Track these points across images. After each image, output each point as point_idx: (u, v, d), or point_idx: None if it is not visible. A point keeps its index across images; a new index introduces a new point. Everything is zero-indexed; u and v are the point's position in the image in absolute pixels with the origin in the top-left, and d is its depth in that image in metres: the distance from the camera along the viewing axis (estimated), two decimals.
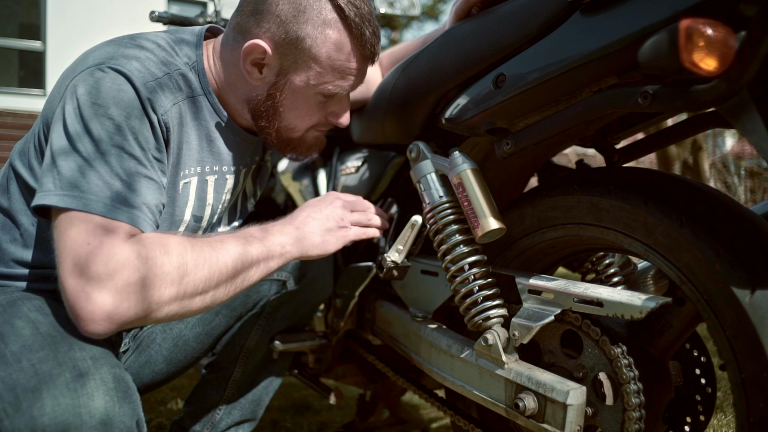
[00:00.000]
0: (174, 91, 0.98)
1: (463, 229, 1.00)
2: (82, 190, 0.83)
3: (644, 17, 0.68)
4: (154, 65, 0.95)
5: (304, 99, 1.03)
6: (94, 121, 0.87)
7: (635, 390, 0.84)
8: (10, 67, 7.38)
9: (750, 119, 0.64)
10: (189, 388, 1.77)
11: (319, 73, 1.00)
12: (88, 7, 7.06)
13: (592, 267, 1.13)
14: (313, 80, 1.01)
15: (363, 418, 1.64)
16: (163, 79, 0.95)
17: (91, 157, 0.85)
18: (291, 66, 1.00)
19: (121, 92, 0.89)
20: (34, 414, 0.74)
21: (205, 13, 1.70)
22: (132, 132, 0.88)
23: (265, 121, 1.05)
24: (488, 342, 0.94)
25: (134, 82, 0.90)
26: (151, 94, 0.92)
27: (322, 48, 0.99)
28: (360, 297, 1.32)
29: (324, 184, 1.58)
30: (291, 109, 1.04)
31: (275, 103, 1.03)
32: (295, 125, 1.07)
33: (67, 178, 0.84)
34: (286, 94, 1.03)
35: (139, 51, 0.95)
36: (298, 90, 1.02)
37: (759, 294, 0.71)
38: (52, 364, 0.78)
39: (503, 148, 0.92)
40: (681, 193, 0.82)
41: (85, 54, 0.97)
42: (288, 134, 1.08)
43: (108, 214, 0.83)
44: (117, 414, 0.78)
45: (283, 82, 1.02)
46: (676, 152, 7.29)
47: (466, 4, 1.01)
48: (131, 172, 0.87)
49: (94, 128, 0.86)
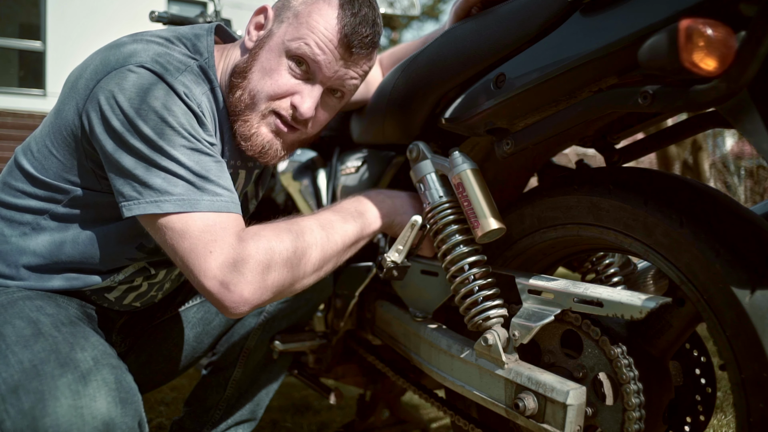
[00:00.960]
0: (199, 82, 0.99)
1: (463, 229, 1.00)
2: (173, 193, 0.88)
3: (644, 17, 0.68)
4: (177, 60, 0.96)
5: (275, 57, 1.01)
6: (143, 125, 0.88)
7: (635, 390, 0.84)
8: (10, 67, 7.38)
9: (750, 119, 0.64)
10: (189, 388, 1.77)
11: (296, 28, 1.00)
12: (88, 7, 7.06)
13: (592, 267, 1.13)
14: (288, 35, 1.01)
15: (363, 418, 1.64)
16: (187, 72, 0.96)
17: (162, 160, 0.89)
18: (278, 24, 1.03)
19: (155, 89, 0.89)
20: (36, 415, 0.74)
21: (205, 13, 1.70)
22: (182, 126, 0.91)
23: (238, 78, 1.02)
24: (488, 342, 0.94)
25: (166, 78, 0.91)
26: (183, 87, 0.93)
27: (307, 8, 1.01)
28: (360, 297, 1.32)
29: (324, 184, 1.58)
30: (261, 68, 1.02)
31: (250, 58, 1.03)
32: (260, 87, 1.02)
33: (152, 184, 0.88)
34: (263, 49, 1.03)
35: (159, 47, 0.95)
36: (273, 46, 1.02)
37: (759, 294, 0.71)
38: (54, 365, 0.78)
39: (503, 148, 0.92)
40: (681, 193, 0.82)
41: (100, 57, 0.96)
42: (251, 101, 1.02)
43: (216, 209, 0.90)
44: (119, 415, 0.78)
45: (266, 38, 1.03)
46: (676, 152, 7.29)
47: (466, 4, 1.01)
48: (202, 162, 0.92)
49: (144, 130, 0.88)
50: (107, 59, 0.94)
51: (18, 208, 1.01)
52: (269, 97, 1.02)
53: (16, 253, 1.00)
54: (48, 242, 1.00)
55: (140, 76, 0.90)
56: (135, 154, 0.89)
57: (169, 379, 1.33)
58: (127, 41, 0.97)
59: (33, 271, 1.01)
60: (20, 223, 1.01)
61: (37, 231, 1.00)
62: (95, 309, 1.10)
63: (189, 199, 0.89)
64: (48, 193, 0.99)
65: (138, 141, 0.88)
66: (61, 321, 0.90)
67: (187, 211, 0.88)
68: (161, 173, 0.89)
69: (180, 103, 0.91)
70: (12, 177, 1.03)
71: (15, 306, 0.92)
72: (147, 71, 0.90)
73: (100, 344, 0.87)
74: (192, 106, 0.93)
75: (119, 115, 0.89)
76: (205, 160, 0.92)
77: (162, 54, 0.94)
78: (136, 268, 1.09)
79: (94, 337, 0.89)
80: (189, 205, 0.88)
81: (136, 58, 0.92)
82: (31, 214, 1.00)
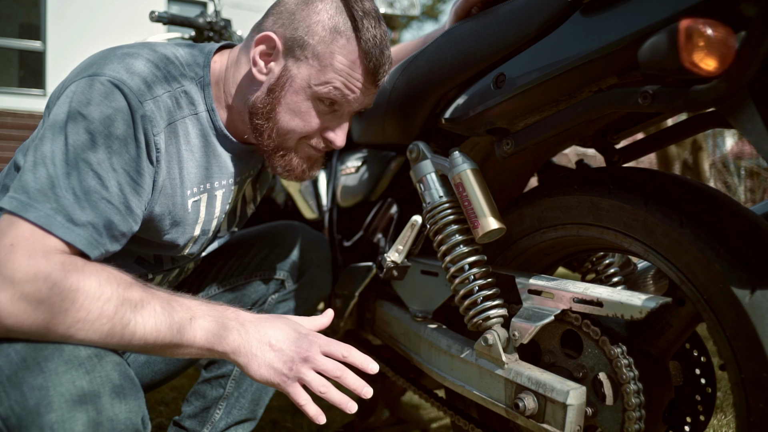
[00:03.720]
0: (174, 109, 0.96)
1: (463, 229, 1.00)
2: (30, 196, 0.81)
3: (644, 17, 0.68)
4: (158, 82, 0.93)
5: (303, 100, 1.01)
6: (72, 130, 0.84)
7: (635, 390, 0.84)
8: (10, 67, 7.38)
9: (750, 119, 0.64)
10: (189, 388, 1.77)
11: (321, 71, 0.99)
12: (88, 7, 7.06)
13: (592, 267, 1.13)
14: (314, 79, 0.99)
15: (363, 418, 1.64)
16: (163, 97, 0.93)
17: (56, 165, 0.83)
18: (295, 62, 1.00)
19: (111, 108, 0.87)
20: (41, 411, 0.74)
21: (205, 13, 1.70)
22: (108, 150, 0.85)
23: (261, 119, 1.03)
24: (488, 342, 0.94)
25: (130, 99, 0.88)
26: (146, 113, 0.89)
27: (327, 48, 0.98)
28: (360, 297, 1.32)
29: (324, 184, 1.58)
30: (288, 110, 1.02)
31: (274, 100, 1.01)
32: (290, 128, 1.03)
33: (24, 181, 0.82)
34: (286, 91, 1.01)
35: (143, 64, 0.93)
36: (298, 88, 1.01)
37: (759, 294, 0.71)
38: (57, 362, 0.78)
39: (503, 148, 0.92)
40: (681, 193, 0.82)
41: (93, 59, 0.95)
42: (281, 140, 1.05)
43: (43, 225, 0.79)
44: (123, 411, 0.79)
45: (285, 78, 1.00)
46: (676, 152, 7.29)
47: (466, 4, 1.01)
48: (89, 189, 0.83)
49: (69, 137, 0.84)
50: (91, 63, 0.92)
51: None
52: (300, 135, 1.05)
53: None
54: None
55: (105, 89, 0.87)
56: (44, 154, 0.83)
57: (169, 379, 1.33)
58: (126, 52, 0.94)
59: None
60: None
61: None
62: None
63: (26, 203, 0.80)
64: None
65: (58, 145, 0.84)
66: None
67: (17, 214, 0.80)
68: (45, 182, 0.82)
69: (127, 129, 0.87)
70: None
71: None
72: (114, 87, 0.87)
73: None
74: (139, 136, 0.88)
75: (61, 114, 0.86)
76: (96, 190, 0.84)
77: (143, 74, 0.91)
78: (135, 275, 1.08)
79: None
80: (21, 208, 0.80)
81: (114, 74, 0.89)
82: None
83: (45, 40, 7.08)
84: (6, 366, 0.79)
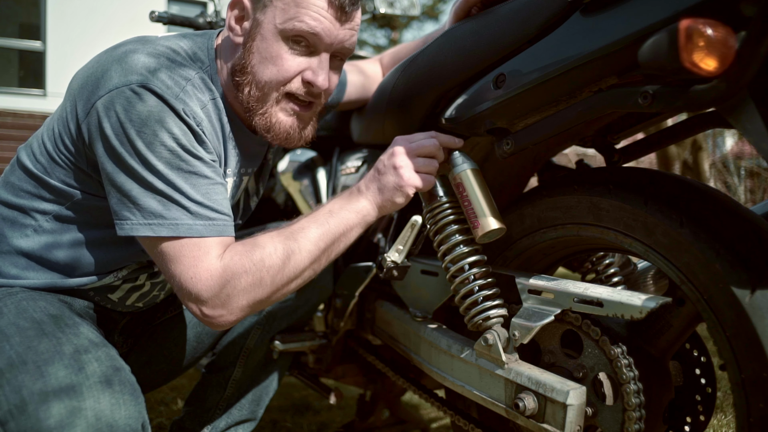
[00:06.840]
0: (200, 94, 0.99)
1: (463, 229, 1.00)
2: (165, 217, 0.90)
3: (644, 17, 0.68)
4: (178, 73, 0.95)
5: (273, 43, 0.99)
6: (146, 149, 0.90)
7: (635, 390, 0.84)
8: (10, 67, 7.38)
9: (750, 119, 0.64)
10: (189, 388, 1.77)
11: (283, 9, 0.97)
12: (88, 7, 7.06)
13: (592, 267, 1.13)
14: (279, 18, 0.98)
15: (363, 418, 1.64)
16: (188, 86, 0.96)
17: (159, 183, 0.90)
18: (262, 10, 0.99)
19: (156, 111, 0.90)
20: (40, 416, 0.74)
21: (205, 13, 1.70)
22: (183, 148, 0.92)
23: (240, 75, 1.02)
24: (488, 342, 0.94)
25: (167, 98, 0.91)
26: (183, 105, 0.93)
27: None
28: (360, 297, 1.32)
29: (324, 184, 1.58)
30: (261, 59, 1.00)
31: (246, 52, 1.01)
32: (267, 78, 1.00)
33: (147, 206, 0.90)
34: (256, 40, 1.00)
35: (160, 60, 0.94)
36: (266, 33, 0.99)
37: (759, 294, 0.71)
38: (57, 366, 0.78)
39: (503, 148, 0.92)
40: (681, 193, 0.82)
41: (107, 66, 0.94)
42: (262, 94, 1.02)
43: (196, 234, 0.91)
44: (122, 416, 0.79)
45: (255, 29, 1.00)
46: (676, 152, 7.29)
47: (466, 4, 1.01)
48: (198, 185, 0.93)
49: (150, 157, 0.90)
50: (110, 72, 0.93)
51: (20, 207, 1.01)
52: (279, 83, 1.01)
53: (17, 252, 1.00)
54: (48, 243, 1.00)
55: (141, 97, 0.90)
56: (132, 176, 0.90)
57: (170, 379, 1.33)
58: (132, 49, 0.95)
59: (36, 270, 1.01)
60: (22, 223, 1.01)
61: (39, 232, 1.00)
62: (99, 310, 1.10)
63: (182, 224, 0.91)
64: (51, 195, 0.99)
65: (136, 163, 0.90)
66: (65, 322, 0.90)
67: (180, 236, 0.91)
68: (157, 196, 0.91)
69: (180, 123, 0.92)
70: (15, 177, 1.03)
71: (18, 306, 0.92)
72: (148, 92, 0.90)
73: (104, 345, 0.88)
74: (191, 125, 0.93)
75: (120, 136, 0.89)
76: (202, 182, 0.93)
77: (164, 69, 0.94)
78: (140, 265, 1.09)
79: (97, 338, 0.89)
80: (182, 230, 0.91)
81: (138, 77, 0.91)
82: (34, 215, 1.00)
83: (45, 40, 7.07)
84: (6, 371, 0.79)
